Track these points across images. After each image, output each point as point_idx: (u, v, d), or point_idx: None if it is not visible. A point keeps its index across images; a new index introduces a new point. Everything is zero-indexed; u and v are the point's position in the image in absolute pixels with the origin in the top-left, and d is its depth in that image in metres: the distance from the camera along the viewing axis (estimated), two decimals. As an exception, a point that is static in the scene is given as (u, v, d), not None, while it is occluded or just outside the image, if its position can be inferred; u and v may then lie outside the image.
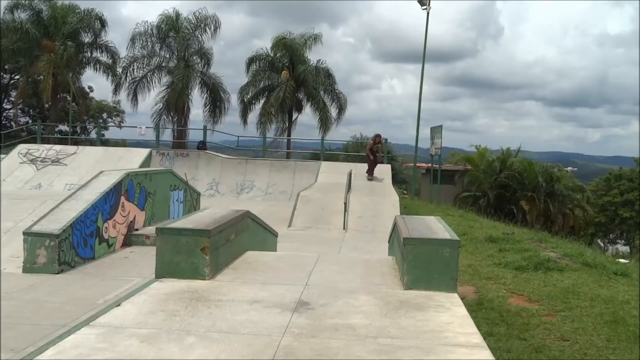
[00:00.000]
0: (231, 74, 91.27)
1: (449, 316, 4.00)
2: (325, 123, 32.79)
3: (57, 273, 8.33)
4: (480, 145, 35.22)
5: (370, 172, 20.93)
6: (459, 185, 33.21)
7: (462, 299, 4.66)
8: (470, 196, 31.49)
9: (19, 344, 5.20)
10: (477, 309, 7.04)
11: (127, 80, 31.98)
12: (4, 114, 42.74)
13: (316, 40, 32.91)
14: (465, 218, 16.83)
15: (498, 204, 30.13)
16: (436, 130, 27.70)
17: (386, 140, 29.80)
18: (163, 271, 4.85)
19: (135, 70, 31.99)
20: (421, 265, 4.70)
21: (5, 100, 42.80)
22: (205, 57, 32.87)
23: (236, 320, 3.78)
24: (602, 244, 43.95)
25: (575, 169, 45.83)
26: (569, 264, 9.57)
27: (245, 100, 33.46)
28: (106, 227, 9.97)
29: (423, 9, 27.71)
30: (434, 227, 5.45)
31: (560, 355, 5.71)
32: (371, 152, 21.02)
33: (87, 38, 33.09)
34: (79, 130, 38.80)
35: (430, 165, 30.56)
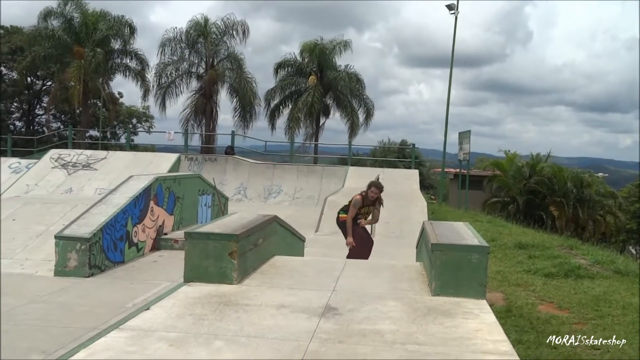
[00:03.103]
0: (259, 79, 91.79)
1: (478, 323, 3.95)
2: (352, 128, 32.83)
3: (88, 276, 8.44)
4: (509, 151, 34.98)
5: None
6: (487, 190, 32.95)
7: (491, 305, 4.61)
8: (499, 202, 31.24)
9: (50, 346, 5.27)
10: (506, 316, 6.95)
11: (159, 85, 32.37)
12: (37, 120, 43.59)
13: (346, 46, 32.97)
14: (494, 224, 16.64)
15: (527, 210, 29.84)
16: (464, 135, 27.50)
17: (413, 145, 29.69)
18: (191, 275, 4.88)
19: (166, 76, 32.39)
20: (449, 272, 4.65)
21: (38, 106, 43.68)
22: (237, 62, 33.03)
23: (263, 325, 3.79)
24: (634, 251, 43.14)
25: (607, 174, 45.17)
26: (600, 271, 9.41)
27: (272, 105, 33.64)
28: (135, 231, 10.07)
29: (451, 14, 27.48)
30: (463, 232, 5.41)
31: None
32: (355, 219, 9.30)
33: (117, 45, 33.58)
34: (109, 136, 39.40)
35: (458, 170, 30.37)
